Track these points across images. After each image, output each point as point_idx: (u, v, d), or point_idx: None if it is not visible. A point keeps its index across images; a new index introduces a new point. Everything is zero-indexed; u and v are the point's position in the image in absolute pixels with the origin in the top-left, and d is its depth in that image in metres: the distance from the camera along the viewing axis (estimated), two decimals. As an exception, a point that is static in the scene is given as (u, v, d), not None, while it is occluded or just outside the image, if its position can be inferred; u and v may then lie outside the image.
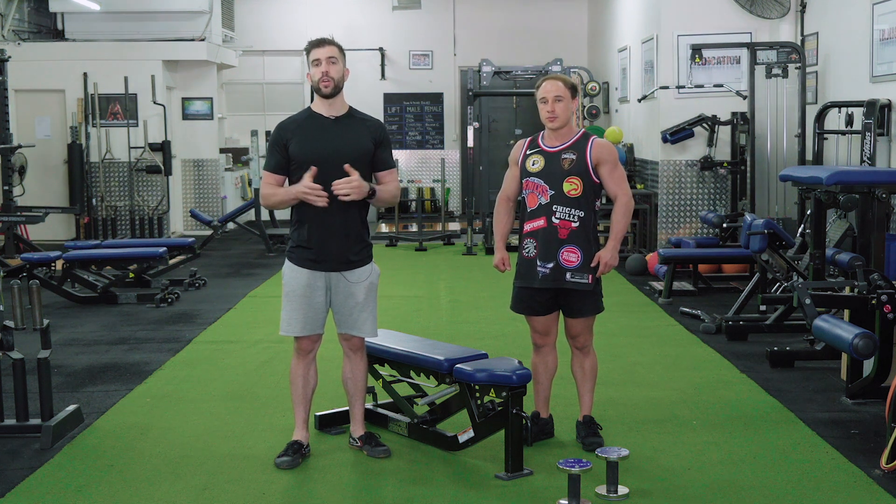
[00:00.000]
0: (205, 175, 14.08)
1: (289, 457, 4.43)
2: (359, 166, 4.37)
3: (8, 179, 10.90)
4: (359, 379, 4.64)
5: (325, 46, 4.42)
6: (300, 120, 4.49)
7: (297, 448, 4.48)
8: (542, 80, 4.67)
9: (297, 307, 4.43)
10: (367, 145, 4.42)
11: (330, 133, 4.42)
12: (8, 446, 4.69)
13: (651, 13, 10.94)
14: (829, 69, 8.92)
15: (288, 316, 4.45)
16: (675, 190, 10.41)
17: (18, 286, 4.82)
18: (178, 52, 13.35)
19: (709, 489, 4.13)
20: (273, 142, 4.46)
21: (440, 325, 7.66)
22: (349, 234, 4.42)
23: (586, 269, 4.55)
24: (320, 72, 4.38)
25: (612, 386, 5.68)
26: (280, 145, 4.41)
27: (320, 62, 4.39)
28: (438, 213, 14.38)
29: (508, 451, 4.27)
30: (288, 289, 4.45)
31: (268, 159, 4.47)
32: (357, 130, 4.46)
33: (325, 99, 4.43)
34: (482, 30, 15.92)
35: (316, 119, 4.45)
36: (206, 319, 7.84)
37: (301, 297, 4.42)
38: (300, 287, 4.42)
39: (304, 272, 4.42)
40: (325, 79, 4.38)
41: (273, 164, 4.43)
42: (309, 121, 4.46)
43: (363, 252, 4.49)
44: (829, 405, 5.32)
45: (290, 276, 4.45)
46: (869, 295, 5.16)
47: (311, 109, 4.51)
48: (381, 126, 4.60)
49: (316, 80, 4.40)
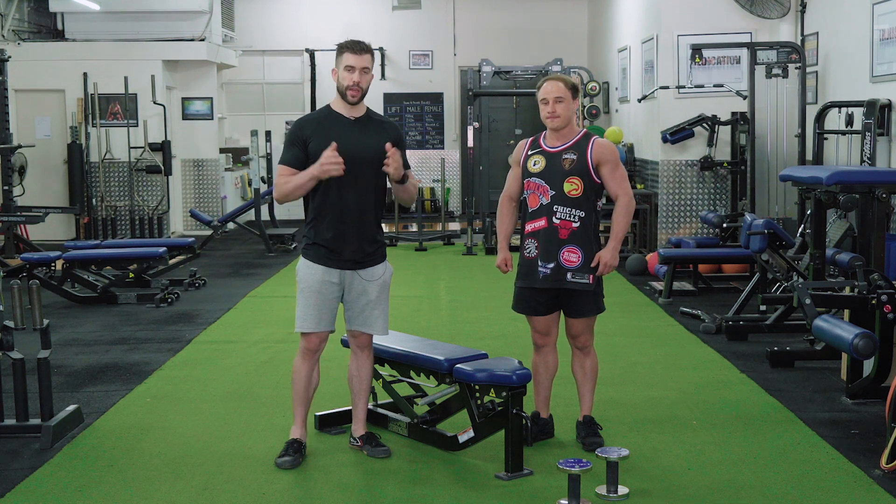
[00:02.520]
0: (205, 175, 14.08)
1: (290, 456, 4.43)
2: (378, 167, 4.39)
3: (8, 179, 10.90)
4: (364, 377, 4.65)
5: (363, 55, 4.42)
6: (320, 118, 4.50)
7: (297, 447, 4.48)
8: (542, 80, 4.66)
9: (312, 303, 4.43)
10: (385, 146, 4.42)
11: (350, 133, 4.41)
12: (8, 446, 4.69)
13: (651, 13, 10.94)
14: (829, 69, 8.92)
15: (302, 312, 4.46)
16: (675, 190, 10.41)
17: (18, 286, 4.82)
18: (178, 52, 13.35)
19: (709, 489, 4.13)
20: (292, 137, 4.45)
21: (440, 325, 7.66)
22: (364, 233, 4.45)
23: (587, 269, 4.55)
24: (352, 80, 4.38)
25: (612, 386, 5.68)
26: (299, 141, 4.42)
27: (354, 70, 4.39)
28: (438, 213, 14.38)
29: (508, 451, 4.27)
30: (303, 285, 4.46)
31: (284, 154, 4.46)
32: (376, 131, 4.47)
33: (349, 104, 4.45)
34: (482, 30, 15.93)
35: (336, 118, 4.46)
36: (206, 319, 7.84)
37: (316, 293, 4.43)
38: (315, 283, 4.43)
39: (319, 268, 4.43)
40: (355, 88, 4.39)
41: (290, 158, 4.42)
42: (329, 119, 4.46)
43: (378, 251, 4.52)
44: (829, 405, 5.32)
45: (306, 273, 4.46)
46: (869, 295, 5.16)
47: (330, 108, 4.51)
48: (397, 128, 4.64)
49: (344, 86, 4.40)
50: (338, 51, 4.46)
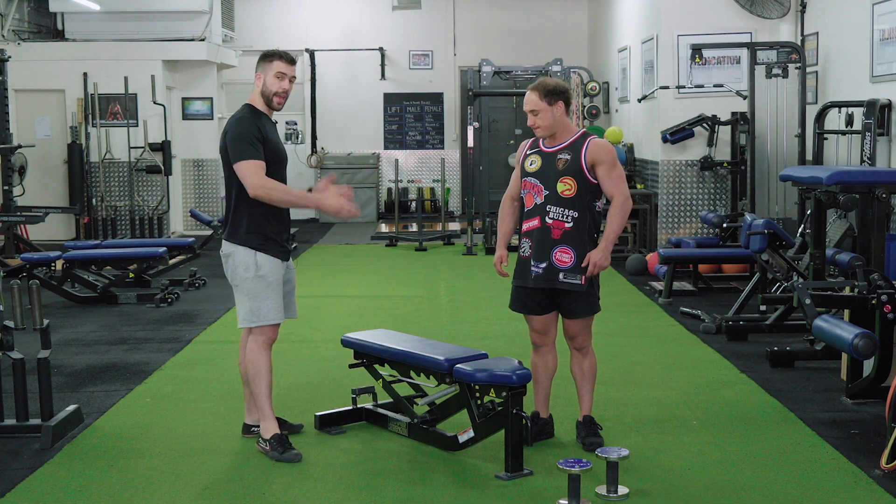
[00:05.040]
0: (205, 175, 14.08)
1: (293, 448, 4.52)
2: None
3: (8, 179, 10.91)
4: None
5: (292, 65, 4.66)
6: (258, 117, 4.61)
7: (286, 439, 4.57)
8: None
9: (277, 296, 4.63)
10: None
11: (276, 132, 4.73)
12: (8, 446, 4.69)
13: (651, 13, 10.94)
14: (829, 69, 8.92)
15: (273, 304, 4.61)
16: (675, 190, 10.41)
17: (18, 286, 4.82)
18: (178, 52, 13.34)
19: (709, 489, 4.13)
20: (255, 133, 4.53)
21: (440, 325, 7.66)
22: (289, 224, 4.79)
23: (579, 269, 4.54)
24: (281, 86, 4.60)
25: (611, 386, 5.68)
26: (261, 138, 4.54)
27: (284, 77, 4.61)
28: (438, 213, 14.38)
29: (508, 451, 4.27)
30: (271, 278, 4.61)
31: (253, 150, 4.50)
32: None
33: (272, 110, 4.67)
34: (482, 30, 15.93)
35: (267, 119, 4.67)
36: (206, 319, 7.84)
37: (279, 286, 4.64)
38: (278, 276, 4.64)
39: (277, 261, 4.63)
40: (283, 95, 4.62)
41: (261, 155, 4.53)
42: (264, 119, 4.64)
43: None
44: (829, 405, 5.32)
45: (270, 267, 4.60)
46: (869, 295, 5.16)
47: (255, 108, 4.63)
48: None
49: (272, 91, 4.59)
50: (266, 57, 4.64)
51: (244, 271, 4.57)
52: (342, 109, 16.04)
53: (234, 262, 4.60)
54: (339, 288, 9.42)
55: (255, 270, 4.56)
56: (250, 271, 4.56)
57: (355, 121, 16.15)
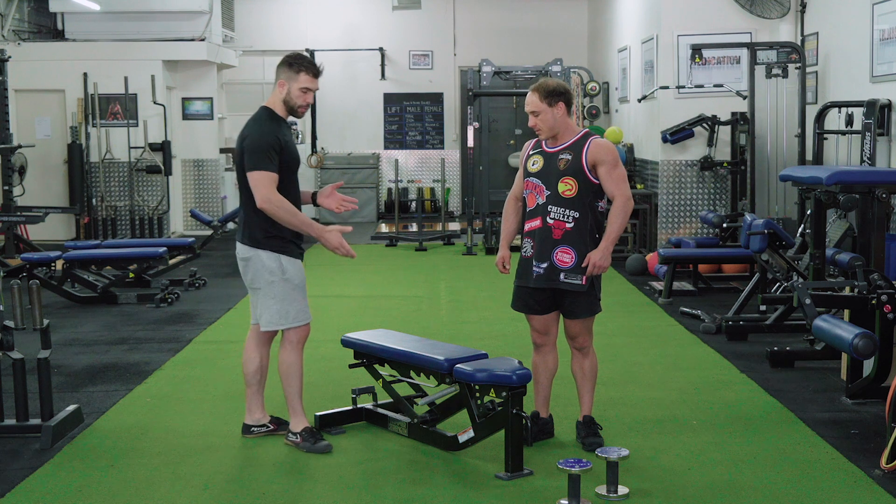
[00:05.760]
0: (205, 175, 14.08)
1: (322, 439, 4.63)
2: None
3: (8, 179, 10.91)
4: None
5: (317, 79, 4.72)
6: (279, 123, 4.66)
7: (317, 431, 4.70)
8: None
9: (304, 297, 4.69)
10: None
11: (292, 137, 4.78)
12: (8, 446, 4.69)
13: (651, 13, 10.94)
14: (829, 69, 8.92)
15: (301, 306, 4.66)
16: (675, 190, 10.41)
17: (18, 286, 4.82)
18: (178, 52, 13.34)
19: (709, 489, 4.13)
20: (273, 145, 4.54)
21: (440, 325, 7.66)
22: None
23: (580, 270, 4.54)
24: (306, 101, 4.65)
25: (612, 386, 5.68)
26: (278, 148, 4.56)
27: (309, 92, 4.66)
28: (438, 213, 14.38)
29: (508, 451, 4.27)
30: (297, 281, 4.65)
31: (271, 162, 4.52)
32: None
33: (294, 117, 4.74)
34: (482, 30, 15.93)
35: (286, 124, 4.72)
36: (206, 319, 7.84)
37: (304, 286, 4.69)
38: (303, 277, 4.69)
39: (300, 263, 4.69)
40: (306, 107, 4.69)
41: (276, 168, 4.58)
42: (284, 125, 4.70)
43: None
44: (829, 405, 5.32)
45: (295, 270, 4.65)
46: (869, 295, 5.16)
47: (275, 112, 4.67)
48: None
49: (296, 105, 4.64)
50: (292, 66, 4.64)
51: (269, 275, 4.58)
52: (342, 109, 16.04)
53: (255, 266, 4.60)
54: (339, 288, 9.42)
55: (282, 274, 4.58)
56: (276, 275, 4.58)
57: (355, 121, 16.16)
